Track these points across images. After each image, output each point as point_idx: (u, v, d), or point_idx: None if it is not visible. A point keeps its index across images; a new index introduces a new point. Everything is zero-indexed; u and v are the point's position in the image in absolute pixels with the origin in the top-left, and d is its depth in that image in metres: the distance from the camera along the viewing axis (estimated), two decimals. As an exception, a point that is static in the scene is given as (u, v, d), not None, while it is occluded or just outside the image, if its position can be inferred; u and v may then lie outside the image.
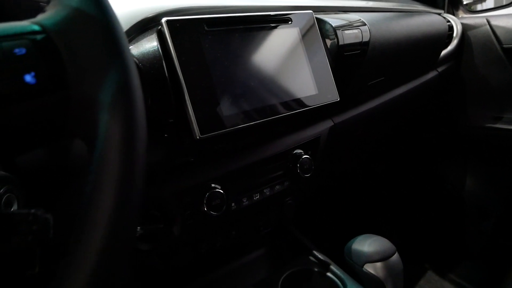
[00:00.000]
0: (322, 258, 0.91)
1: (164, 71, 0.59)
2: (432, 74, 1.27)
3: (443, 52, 1.30)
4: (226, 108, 0.65)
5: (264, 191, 0.81)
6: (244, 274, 0.92)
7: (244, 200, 0.78)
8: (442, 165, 1.54)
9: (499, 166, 1.42)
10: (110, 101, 0.34)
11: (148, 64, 0.59)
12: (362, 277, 0.65)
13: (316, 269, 0.91)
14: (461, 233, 1.47)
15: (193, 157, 0.75)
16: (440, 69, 1.32)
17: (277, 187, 0.84)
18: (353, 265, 0.66)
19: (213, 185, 0.73)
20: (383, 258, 0.64)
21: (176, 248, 0.79)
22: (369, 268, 0.63)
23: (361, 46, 0.89)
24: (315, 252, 0.93)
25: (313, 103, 0.77)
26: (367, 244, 0.65)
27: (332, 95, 0.81)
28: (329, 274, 0.89)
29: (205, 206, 0.72)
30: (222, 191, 0.73)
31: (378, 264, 0.63)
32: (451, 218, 1.50)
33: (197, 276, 0.90)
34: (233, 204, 0.77)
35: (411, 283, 0.73)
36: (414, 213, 1.60)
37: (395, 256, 0.64)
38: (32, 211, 0.37)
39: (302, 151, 0.85)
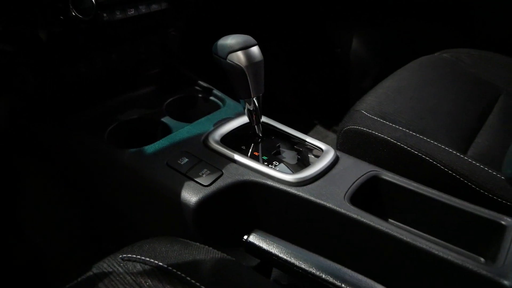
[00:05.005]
0: (205, 85, 0.97)
1: None
2: None
3: None
4: None
5: (140, 7, 0.81)
6: (130, 105, 0.94)
7: (118, 13, 0.78)
8: (332, 29, 1.65)
9: (383, 25, 1.56)
10: None
11: None
12: (225, 69, 0.71)
13: (200, 95, 0.97)
14: (345, 91, 1.65)
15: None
16: None
17: (154, 6, 0.84)
18: (218, 60, 0.71)
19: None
20: (244, 47, 0.70)
21: (49, 61, 0.77)
22: (232, 58, 0.69)
23: None
24: (200, 82, 0.98)
25: None
26: (230, 38, 0.70)
27: None
28: (211, 97, 0.96)
29: (72, 9, 0.70)
30: (89, -5, 0.71)
31: (239, 52, 0.69)
32: (339, 78, 1.65)
33: (82, 107, 0.90)
34: (105, 15, 0.76)
35: (301, 131, 0.83)
36: (306, 74, 1.73)
37: (256, 48, 0.71)
38: None
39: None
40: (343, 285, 0.53)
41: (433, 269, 0.56)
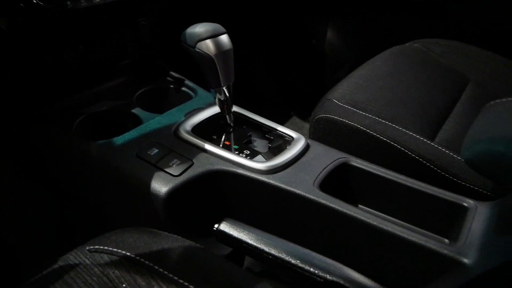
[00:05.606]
0: (177, 76, 0.96)
1: None
2: None
3: None
4: None
5: (106, -5, 0.79)
6: (100, 96, 0.92)
7: (83, 1, 0.76)
8: (307, 20, 1.65)
9: (357, 17, 1.58)
10: None
11: None
12: (195, 58, 0.70)
13: (171, 86, 0.96)
14: (321, 82, 1.66)
15: None
16: None
17: (122, -6, 0.82)
18: (187, 48, 0.70)
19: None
20: (213, 35, 0.69)
21: (12, 53, 0.75)
22: (201, 46, 0.69)
23: None
24: (171, 73, 0.97)
25: None
26: (198, 27, 0.70)
27: None
28: (183, 88, 0.95)
29: (33, -3, 0.68)
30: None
31: (208, 41, 0.69)
32: (315, 69, 1.66)
33: (50, 100, 0.88)
34: (69, 3, 0.74)
35: (278, 122, 0.83)
36: (282, 65, 1.74)
37: (225, 36, 0.70)
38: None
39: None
40: (311, 269, 0.54)
41: (399, 250, 0.58)
